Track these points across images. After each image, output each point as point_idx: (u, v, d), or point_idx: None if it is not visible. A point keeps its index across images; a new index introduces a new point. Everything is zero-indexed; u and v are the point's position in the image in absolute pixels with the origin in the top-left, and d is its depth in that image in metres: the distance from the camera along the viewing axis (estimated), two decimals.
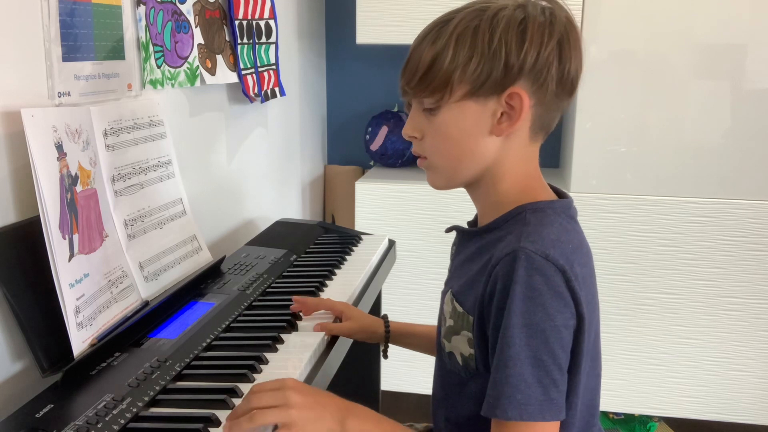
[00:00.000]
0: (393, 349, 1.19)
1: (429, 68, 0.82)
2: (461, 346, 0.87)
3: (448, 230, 0.98)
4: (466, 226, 0.96)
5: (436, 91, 0.82)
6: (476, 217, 0.95)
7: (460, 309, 0.87)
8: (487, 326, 0.82)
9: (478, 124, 0.83)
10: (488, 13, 0.81)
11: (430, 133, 0.86)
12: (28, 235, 0.93)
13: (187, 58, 1.37)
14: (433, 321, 1.03)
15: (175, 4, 1.33)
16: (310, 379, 0.98)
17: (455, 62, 0.80)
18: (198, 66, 1.41)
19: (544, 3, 0.83)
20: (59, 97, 1.02)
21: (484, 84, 0.81)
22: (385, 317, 1.17)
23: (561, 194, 0.90)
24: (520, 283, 0.76)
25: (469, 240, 0.92)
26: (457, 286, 0.90)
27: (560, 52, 0.82)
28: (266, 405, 0.78)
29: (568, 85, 0.84)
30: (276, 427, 0.78)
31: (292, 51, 2.06)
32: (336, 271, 1.38)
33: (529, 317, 0.76)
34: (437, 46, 0.82)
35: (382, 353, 1.18)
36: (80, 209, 0.99)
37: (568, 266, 0.77)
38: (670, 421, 2.18)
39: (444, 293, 0.94)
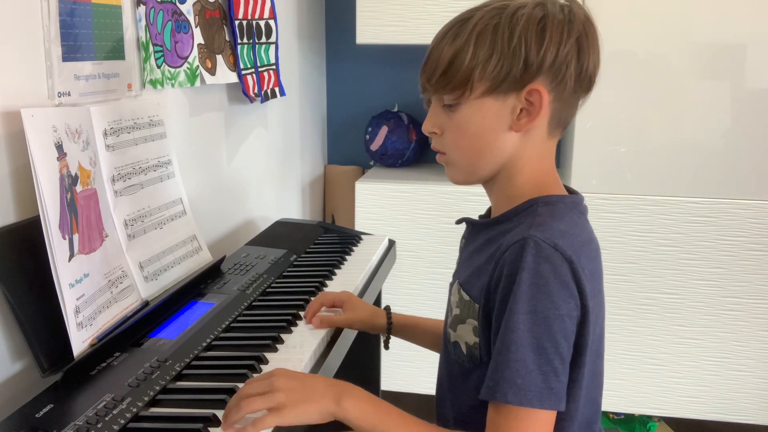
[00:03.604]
0: (394, 349, 1.18)
1: (449, 66, 0.83)
2: (466, 335, 0.88)
3: (459, 222, 0.99)
4: (476, 218, 0.97)
5: (456, 88, 0.83)
6: (488, 210, 0.96)
7: (466, 297, 0.87)
8: (492, 313, 0.82)
9: (497, 121, 0.84)
10: (508, 11, 0.82)
11: (450, 130, 0.87)
12: (28, 235, 0.93)
13: (187, 58, 1.37)
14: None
15: (175, 4, 1.33)
16: None
17: (475, 60, 0.82)
18: (198, 66, 1.41)
19: (562, 1, 0.84)
20: (59, 97, 1.02)
21: (504, 81, 0.82)
22: (387, 308, 1.17)
23: (573, 193, 0.92)
24: (528, 270, 0.77)
25: (478, 232, 0.93)
26: (464, 276, 0.90)
27: (579, 50, 0.83)
28: (254, 393, 0.78)
29: (585, 82, 0.86)
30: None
31: (292, 51, 2.06)
32: (336, 271, 1.38)
33: (534, 304, 0.76)
34: (457, 44, 0.83)
35: (383, 344, 1.18)
36: (80, 209, 0.99)
37: (575, 258, 0.77)
38: (670, 421, 2.18)
39: (451, 285, 0.94)
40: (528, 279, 0.76)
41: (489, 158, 0.87)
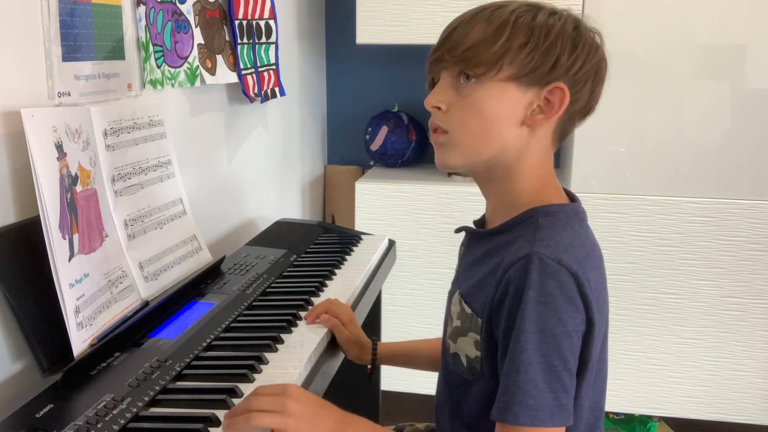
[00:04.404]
0: None
1: (479, 42, 0.82)
2: (467, 347, 0.87)
3: (458, 231, 0.98)
4: (473, 226, 0.96)
5: (481, 64, 0.82)
6: (483, 216, 0.95)
7: (468, 310, 0.87)
8: (495, 329, 0.82)
9: (512, 110, 0.84)
10: (543, 12, 0.84)
11: (460, 107, 0.85)
12: (28, 235, 0.93)
13: (187, 58, 1.37)
14: (433, 320, 1.03)
15: (175, 4, 1.33)
16: (310, 379, 0.98)
17: (510, 43, 0.81)
18: (198, 66, 1.41)
19: (590, 26, 0.87)
20: (59, 97, 1.02)
21: (532, 73, 0.82)
22: (374, 343, 1.17)
23: (571, 196, 0.91)
24: (534, 288, 0.76)
25: (478, 241, 0.92)
26: (465, 287, 0.89)
27: (596, 73, 0.86)
28: (265, 408, 0.78)
29: (590, 105, 0.88)
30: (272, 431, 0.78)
31: (292, 51, 2.06)
32: (336, 271, 1.38)
33: (542, 322, 0.76)
34: (492, 25, 0.82)
35: (367, 375, 1.18)
36: (80, 209, 0.99)
37: (580, 271, 0.77)
38: (670, 421, 2.18)
39: (451, 293, 0.94)
40: (534, 297, 0.76)
41: (493, 146, 0.85)
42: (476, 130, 0.85)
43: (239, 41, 1.59)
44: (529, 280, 0.76)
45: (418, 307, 2.11)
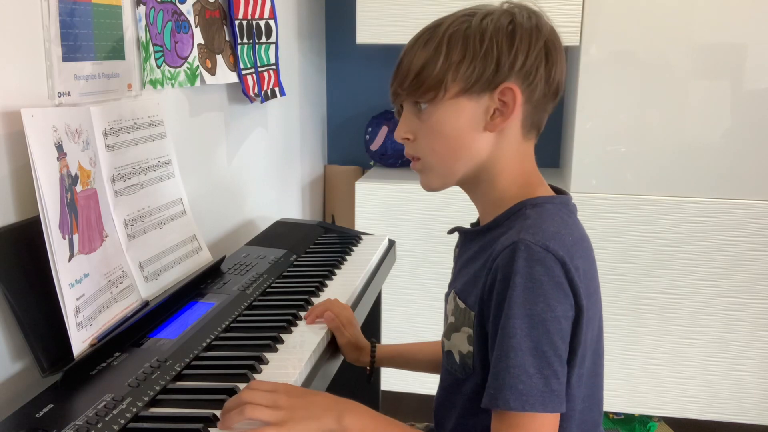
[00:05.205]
0: None
1: (422, 69, 0.85)
2: (460, 343, 0.88)
3: (451, 232, 0.99)
4: (468, 227, 0.96)
5: (429, 89, 0.84)
6: (478, 220, 0.96)
7: (462, 305, 0.87)
8: (486, 321, 0.82)
9: (471, 121, 0.85)
10: (476, 18, 0.84)
11: (424, 133, 0.88)
12: (28, 235, 0.93)
13: (187, 58, 1.37)
14: (433, 320, 1.03)
15: (175, 4, 1.33)
16: (310, 379, 0.97)
17: (448, 62, 0.83)
18: (198, 66, 1.41)
19: (528, 11, 0.86)
20: (59, 97, 1.02)
21: (478, 82, 0.83)
22: (372, 345, 1.17)
23: (560, 192, 0.91)
24: (521, 274, 0.77)
25: (471, 240, 0.93)
26: (460, 284, 0.90)
27: (547, 55, 0.85)
28: (258, 402, 0.78)
29: (554, 88, 0.87)
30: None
31: (292, 51, 2.06)
32: (336, 271, 1.38)
33: (530, 307, 0.76)
34: (429, 49, 0.85)
35: (366, 377, 1.18)
36: (80, 209, 0.99)
37: (567, 258, 0.78)
38: (670, 421, 2.18)
39: (447, 295, 0.94)
40: (522, 283, 0.77)
41: (466, 160, 0.87)
42: (444, 151, 0.87)
43: (239, 41, 1.59)
44: (516, 267, 0.77)
45: (417, 307, 2.11)
